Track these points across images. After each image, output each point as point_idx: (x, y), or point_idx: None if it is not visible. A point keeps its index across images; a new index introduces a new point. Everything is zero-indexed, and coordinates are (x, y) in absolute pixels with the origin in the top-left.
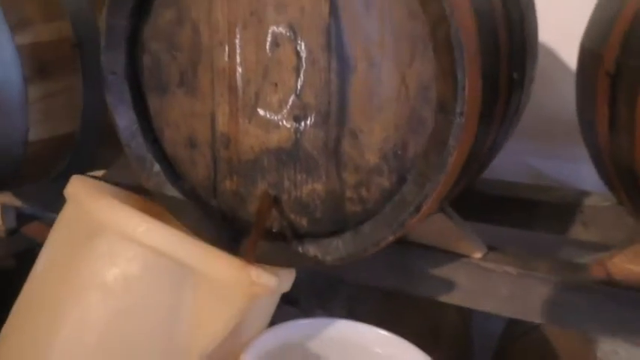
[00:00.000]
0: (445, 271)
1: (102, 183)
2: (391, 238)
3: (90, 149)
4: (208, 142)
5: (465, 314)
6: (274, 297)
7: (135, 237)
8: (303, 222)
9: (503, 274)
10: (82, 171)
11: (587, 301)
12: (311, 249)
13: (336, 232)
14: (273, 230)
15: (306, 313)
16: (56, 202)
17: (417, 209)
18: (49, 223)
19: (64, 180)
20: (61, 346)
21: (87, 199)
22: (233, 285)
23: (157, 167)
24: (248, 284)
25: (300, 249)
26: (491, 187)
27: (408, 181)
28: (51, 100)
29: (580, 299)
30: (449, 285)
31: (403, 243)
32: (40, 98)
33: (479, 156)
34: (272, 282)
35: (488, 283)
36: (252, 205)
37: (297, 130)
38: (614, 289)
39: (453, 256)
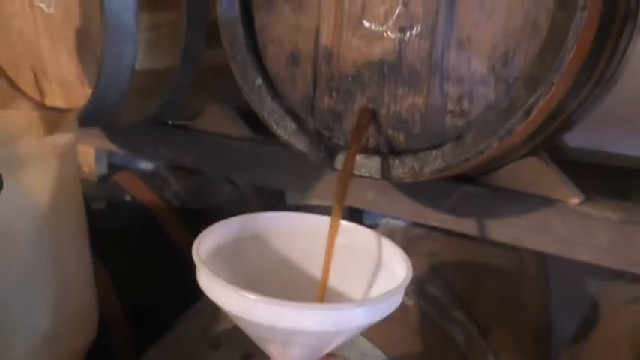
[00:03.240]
0: (538, 217)
1: None
2: (496, 145)
3: (186, 87)
4: (310, 57)
5: (545, 292)
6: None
7: None
8: (401, 138)
9: (602, 221)
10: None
11: None
12: (408, 161)
13: (434, 147)
14: (369, 147)
15: None
16: (147, 149)
17: (527, 114)
18: (139, 173)
19: (156, 126)
20: None
21: None
22: (44, 157)
23: (259, 81)
24: (54, 152)
25: (397, 161)
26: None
27: (516, 86)
28: (157, 31)
29: None
30: (542, 231)
31: (490, 188)
32: (148, 28)
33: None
34: (70, 138)
35: (585, 230)
36: (347, 122)
37: (401, 41)
38: None
39: (546, 201)
